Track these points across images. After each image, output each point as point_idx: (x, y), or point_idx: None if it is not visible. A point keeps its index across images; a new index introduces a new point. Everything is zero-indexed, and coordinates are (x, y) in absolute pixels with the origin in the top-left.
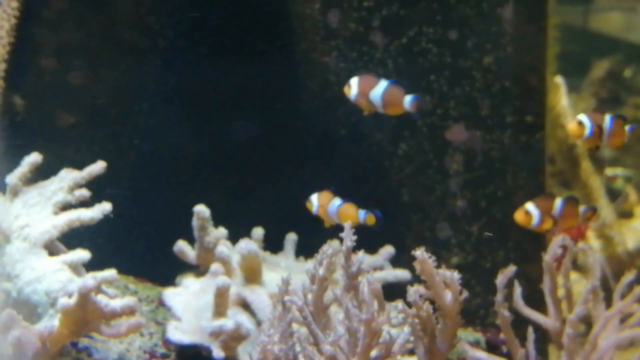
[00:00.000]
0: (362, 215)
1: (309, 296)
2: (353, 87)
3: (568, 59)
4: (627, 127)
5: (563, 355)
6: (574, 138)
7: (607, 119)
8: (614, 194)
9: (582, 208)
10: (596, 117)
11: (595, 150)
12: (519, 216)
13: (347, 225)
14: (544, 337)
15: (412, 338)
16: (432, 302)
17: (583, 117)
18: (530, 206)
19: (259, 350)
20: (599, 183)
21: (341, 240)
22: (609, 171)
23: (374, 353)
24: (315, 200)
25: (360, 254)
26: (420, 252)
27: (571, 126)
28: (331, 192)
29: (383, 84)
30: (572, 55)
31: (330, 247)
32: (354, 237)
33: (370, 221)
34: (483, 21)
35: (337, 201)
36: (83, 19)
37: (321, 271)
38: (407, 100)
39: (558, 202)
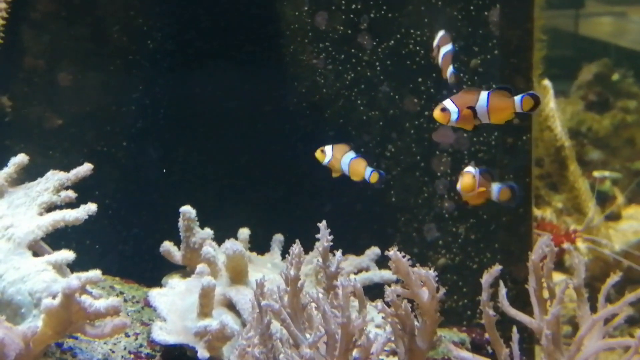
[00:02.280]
0: (368, 172)
1: (285, 298)
2: None
3: (558, 63)
4: (516, 98)
5: (543, 356)
6: (441, 123)
7: (482, 96)
8: (601, 196)
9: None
10: (467, 97)
11: (474, 130)
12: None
13: (322, 225)
14: (530, 338)
15: (393, 338)
16: (412, 302)
17: (447, 102)
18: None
19: (237, 353)
20: (586, 185)
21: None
22: (597, 173)
23: (353, 354)
24: (329, 151)
25: (338, 253)
26: (393, 252)
27: (435, 113)
28: (349, 146)
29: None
30: (562, 60)
31: (299, 247)
32: (330, 237)
33: (374, 179)
34: (470, 24)
35: (352, 154)
36: (71, 21)
37: (292, 272)
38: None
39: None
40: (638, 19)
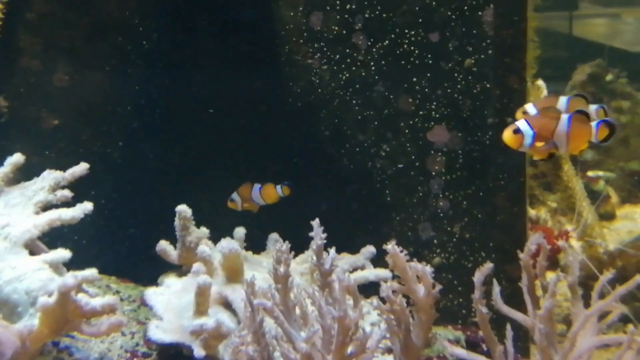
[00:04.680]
0: (279, 190)
1: (277, 296)
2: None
3: (553, 64)
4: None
5: (537, 353)
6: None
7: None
8: (595, 196)
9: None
10: (545, 121)
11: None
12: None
13: (316, 223)
14: (525, 336)
15: (388, 335)
16: (408, 298)
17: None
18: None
19: (230, 351)
20: (580, 185)
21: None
22: (591, 173)
23: (349, 349)
24: (237, 198)
25: (332, 251)
26: (391, 246)
27: (506, 134)
28: (250, 183)
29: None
30: (556, 61)
31: (285, 244)
32: (324, 236)
33: (286, 192)
34: (464, 24)
35: (256, 186)
36: (67, 21)
37: (282, 269)
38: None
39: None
40: (631, 20)
